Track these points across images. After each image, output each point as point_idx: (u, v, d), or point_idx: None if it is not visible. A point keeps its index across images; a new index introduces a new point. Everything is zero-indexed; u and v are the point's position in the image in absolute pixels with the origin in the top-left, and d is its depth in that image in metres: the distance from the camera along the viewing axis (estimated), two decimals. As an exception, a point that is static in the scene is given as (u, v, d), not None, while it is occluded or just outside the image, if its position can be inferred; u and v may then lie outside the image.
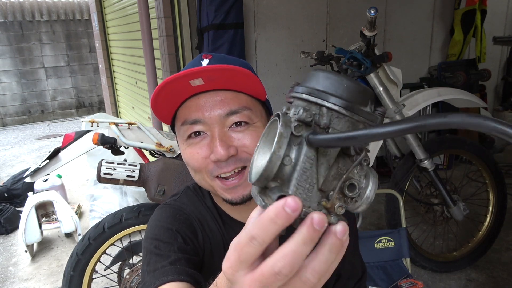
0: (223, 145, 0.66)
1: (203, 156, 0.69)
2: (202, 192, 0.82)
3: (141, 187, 1.61)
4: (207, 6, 2.50)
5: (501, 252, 2.43)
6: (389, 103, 1.92)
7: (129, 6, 3.82)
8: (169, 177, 1.56)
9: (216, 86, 0.67)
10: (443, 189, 2.05)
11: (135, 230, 1.64)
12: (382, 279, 1.71)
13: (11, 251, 2.72)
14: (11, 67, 6.82)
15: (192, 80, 0.64)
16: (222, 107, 0.67)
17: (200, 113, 0.68)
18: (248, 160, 0.68)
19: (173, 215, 0.76)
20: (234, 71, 0.64)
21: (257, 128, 0.70)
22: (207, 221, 0.79)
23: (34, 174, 1.62)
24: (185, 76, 0.63)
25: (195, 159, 0.69)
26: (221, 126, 0.68)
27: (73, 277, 1.59)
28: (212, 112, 0.67)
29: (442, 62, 3.74)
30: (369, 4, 1.76)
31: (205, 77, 0.64)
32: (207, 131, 0.68)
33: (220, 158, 0.66)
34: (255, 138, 0.69)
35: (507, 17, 4.18)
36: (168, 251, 0.69)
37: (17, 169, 4.23)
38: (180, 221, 0.75)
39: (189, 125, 0.69)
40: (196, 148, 0.69)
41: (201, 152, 0.69)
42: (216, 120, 0.67)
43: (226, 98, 0.68)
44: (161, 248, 0.70)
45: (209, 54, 0.72)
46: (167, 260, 0.67)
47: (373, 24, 1.70)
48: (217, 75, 0.64)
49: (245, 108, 0.69)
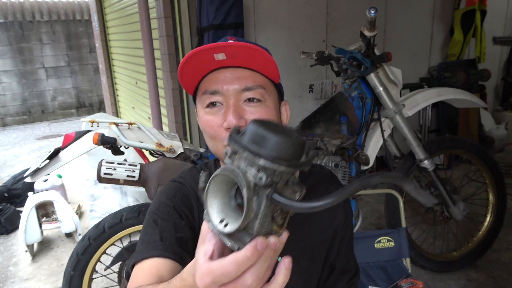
0: (235, 115, 0.74)
1: (217, 124, 0.77)
2: (208, 168, 0.91)
3: (141, 187, 1.61)
4: (207, 6, 2.50)
5: (501, 252, 2.43)
6: (389, 103, 1.92)
7: (129, 6, 3.82)
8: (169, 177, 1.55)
9: (237, 63, 0.75)
10: (443, 189, 2.05)
11: (135, 230, 1.64)
12: (382, 279, 1.71)
13: (11, 251, 2.72)
14: (12, 67, 6.82)
15: (216, 54, 0.71)
16: (239, 83, 0.76)
17: (219, 86, 0.76)
18: None
19: (174, 192, 0.84)
20: (255, 51, 0.72)
21: (267, 107, 0.77)
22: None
23: (34, 174, 1.62)
24: (210, 49, 0.71)
25: (210, 126, 0.77)
26: (236, 99, 0.76)
27: (73, 277, 1.59)
28: (230, 86, 0.75)
29: (442, 62, 3.74)
30: (369, 4, 1.76)
31: (228, 52, 0.71)
32: (223, 102, 0.76)
33: (231, 126, 0.73)
34: (263, 116, 0.76)
35: (507, 17, 4.18)
36: (163, 227, 0.77)
37: (17, 169, 4.23)
38: (179, 198, 0.83)
39: (209, 94, 0.77)
40: (212, 117, 0.77)
41: (216, 120, 0.77)
42: (233, 93, 0.76)
43: (244, 75, 0.76)
44: (157, 222, 0.78)
45: (233, 37, 0.78)
46: (159, 236, 0.75)
47: (373, 24, 1.70)
48: (239, 52, 0.72)
49: (259, 87, 0.76)
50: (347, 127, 1.95)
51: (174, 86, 2.88)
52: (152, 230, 0.77)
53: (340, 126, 1.96)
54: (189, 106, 2.94)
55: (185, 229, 0.79)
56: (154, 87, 2.65)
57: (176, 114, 2.94)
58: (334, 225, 0.91)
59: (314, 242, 0.89)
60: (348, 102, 1.96)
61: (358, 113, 1.95)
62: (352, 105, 1.95)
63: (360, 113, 1.95)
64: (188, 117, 2.97)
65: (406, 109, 2.02)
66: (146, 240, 0.76)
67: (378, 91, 1.90)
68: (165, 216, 0.79)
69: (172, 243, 0.74)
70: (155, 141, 1.64)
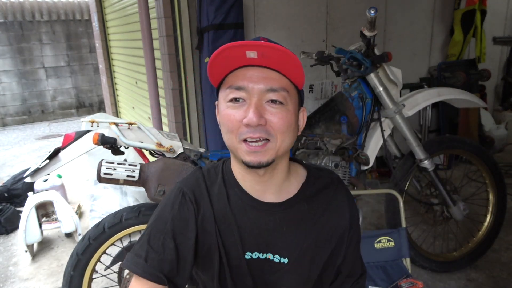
0: (256, 113, 0.76)
1: (237, 119, 0.78)
2: (216, 172, 0.93)
3: (141, 187, 1.60)
4: (207, 6, 2.49)
5: (501, 252, 2.43)
6: (389, 103, 1.92)
7: (129, 6, 3.82)
8: (169, 177, 1.56)
9: (266, 63, 0.77)
10: (443, 189, 2.05)
11: (135, 230, 1.64)
12: (382, 279, 1.71)
13: (11, 251, 2.72)
14: (11, 67, 6.82)
15: (248, 51, 0.73)
16: (265, 83, 0.77)
17: (246, 82, 0.78)
18: (271, 135, 0.78)
19: (172, 204, 0.89)
20: (287, 55, 0.74)
21: (288, 111, 0.80)
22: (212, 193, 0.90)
23: (34, 174, 1.61)
24: (243, 45, 0.73)
25: (230, 120, 0.79)
26: (259, 98, 0.78)
27: (73, 277, 1.59)
28: (256, 84, 0.77)
29: (442, 62, 3.74)
30: (369, 4, 1.76)
31: (260, 51, 0.73)
32: (247, 99, 0.78)
33: (251, 123, 0.76)
34: (283, 119, 0.79)
35: (507, 17, 4.18)
36: (152, 247, 0.86)
37: (17, 169, 4.23)
38: (176, 210, 0.88)
39: (234, 89, 0.79)
40: (234, 111, 0.79)
41: (236, 115, 0.79)
42: (257, 92, 0.77)
43: (270, 76, 0.78)
44: (149, 241, 0.86)
45: (265, 38, 0.80)
46: (144, 254, 0.85)
47: (373, 24, 1.70)
48: (271, 53, 0.74)
49: (284, 90, 0.78)
50: (347, 127, 1.95)
51: (174, 86, 2.88)
52: (144, 243, 0.87)
53: (340, 126, 1.96)
54: (189, 106, 2.94)
55: (172, 251, 0.86)
56: (154, 87, 2.65)
57: (176, 114, 2.94)
58: (338, 231, 0.91)
59: (316, 244, 0.90)
60: (348, 102, 1.95)
61: (358, 113, 1.95)
62: (352, 105, 1.95)
63: (360, 113, 1.95)
64: (188, 117, 2.97)
65: (406, 109, 2.02)
66: (137, 248, 0.87)
67: (378, 91, 1.90)
68: (158, 235, 0.86)
69: (154, 266, 0.84)
70: (155, 141, 1.64)
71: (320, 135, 1.95)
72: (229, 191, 0.89)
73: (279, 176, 0.87)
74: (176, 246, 0.86)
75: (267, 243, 0.88)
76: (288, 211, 0.88)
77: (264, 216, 0.88)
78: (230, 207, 0.88)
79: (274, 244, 0.88)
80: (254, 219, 0.88)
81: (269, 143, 0.78)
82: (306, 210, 0.89)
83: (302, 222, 0.89)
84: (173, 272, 0.86)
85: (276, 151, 0.80)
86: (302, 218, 0.89)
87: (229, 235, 0.88)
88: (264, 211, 0.88)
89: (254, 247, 0.88)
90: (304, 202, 0.90)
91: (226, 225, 0.88)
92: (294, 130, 0.82)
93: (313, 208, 0.90)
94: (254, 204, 0.88)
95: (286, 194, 0.89)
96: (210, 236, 0.88)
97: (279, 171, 0.86)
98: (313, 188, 0.92)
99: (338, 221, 0.91)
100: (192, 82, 2.88)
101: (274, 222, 0.88)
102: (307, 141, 1.94)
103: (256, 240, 0.88)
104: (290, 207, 0.88)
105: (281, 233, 0.88)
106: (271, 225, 0.88)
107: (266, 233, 0.88)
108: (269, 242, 0.88)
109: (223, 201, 0.89)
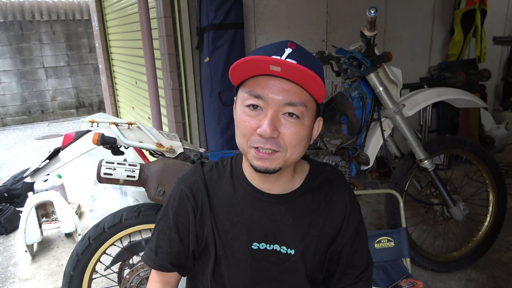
0: (271, 125, 0.77)
1: (252, 127, 0.80)
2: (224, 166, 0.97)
3: (141, 187, 1.60)
4: (207, 6, 2.49)
5: (501, 252, 2.43)
6: (389, 103, 1.92)
7: (129, 6, 3.82)
8: (169, 177, 1.56)
9: (288, 77, 0.77)
10: (443, 189, 2.05)
11: (135, 230, 1.64)
12: (382, 279, 1.71)
13: (11, 251, 2.72)
14: (11, 67, 6.81)
15: (272, 65, 0.74)
16: (284, 95, 0.77)
17: (265, 92, 0.78)
18: (281, 147, 0.79)
19: (173, 201, 0.95)
20: (311, 77, 0.74)
21: (303, 125, 0.80)
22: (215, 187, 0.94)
23: (34, 174, 1.61)
24: (269, 61, 0.74)
25: (244, 126, 0.81)
26: (276, 109, 0.78)
27: (73, 277, 1.59)
28: (276, 96, 0.77)
29: (442, 62, 3.74)
30: (369, 4, 1.76)
31: (283, 67, 0.74)
32: (264, 108, 0.79)
33: (264, 135, 0.77)
34: (297, 134, 0.79)
35: (507, 17, 4.18)
36: (160, 241, 0.95)
37: (17, 169, 4.23)
38: (177, 208, 0.94)
39: (253, 97, 0.79)
40: (249, 118, 0.80)
41: (251, 123, 0.80)
42: (275, 103, 0.78)
43: (291, 89, 0.78)
44: (159, 235, 0.96)
45: (294, 44, 0.80)
46: (154, 248, 0.96)
47: (373, 24, 1.70)
48: (294, 72, 0.74)
49: (302, 104, 0.79)
50: (347, 127, 1.95)
51: (174, 86, 2.88)
52: (154, 238, 0.98)
53: (340, 126, 1.96)
54: (189, 106, 2.94)
55: (178, 244, 0.94)
56: (154, 87, 2.64)
57: (176, 114, 2.94)
58: (338, 225, 0.94)
59: (320, 236, 0.92)
60: (348, 102, 1.95)
61: (358, 113, 1.95)
62: (352, 105, 1.95)
63: (360, 113, 1.95)
64: (188, 117, 2.97)
65: (406, 109, 2.02)
66: (150, 242, 0.99)
67: (378, 91, 1.90)
68: (164, 230, 0.95)
69: (163, 258, 0.95)
70: (155, 141, 1.64)
71: (320, 135, 1.94)
72: (236, 184, 0.93)
73: (285, 177, 0.90)
74: (181, 239, 0.94)
75: (274, 234, 0.91)
76: (294, 202, 0.91)
77: (271, 207, 0.90)
78: (237, 199, 0.91)
79: (281, 235, 0.91)
80: (261, 211, 0.90)
81: (278, 153, 0.80)
82: (310, 202, 0.92)
83: (307, 213, 0.92)
84: (181, 261, 0.96)
85: (285, 161, 0.81)
86: (307, 210, 0.92)
87: (233, 227, 0.91)
88: (270, 202, 0.90)
89: (261, 238, 0.91)
90: (308, 194, 0.92)
91: (230, 217, 0.91)
92: (306, 143, 0.84)
93: (316, 200, 0.93)
94: (261, 197, 0.90)
95: (291, 187, 0.92)
96: (207, 229, 0.92)
97: (285, 174, 0.89)
98: (316, 181, 0.94)
99: (339, 214, 0.93)
100: (192, 82, 2.88)
101: (280, 213, 0.90)
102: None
103: (263, 231, 0.91)
104: (295, 198, 0.91)
105: (287, 225, 0.90)
106: (278, 216, 0.90)
107: (273, 224, 0.90)
108: (277, 233, 0.91)
109: (229, 194, 0.92)
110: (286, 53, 0.78)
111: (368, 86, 1.93)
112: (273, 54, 0.77)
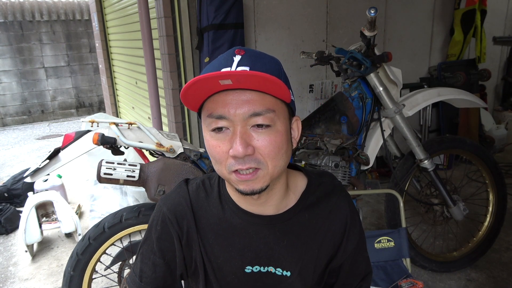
0: (242, 143, 0.70)
1: (223, 150, 0.73)
2: (212, 185, 0.91)
3: (141, 187, 1.61)
4: (207, 6, 2.49)
5: (501, 252, 2.43)
6: (389, 103, 1.92)
7: (129, 6, 3.82)
8: (169, 177, 1.56)
9: (244, 87, 0.70)
10: (443, 189, 2.05)
11: (135, 230, 1.64)
12: (382, 279, 1.71)
13: (11, 251, 2.72)
14: (11, 67, 6.82)
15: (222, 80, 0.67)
16: (247, 107, 0.70)
17: (226, 110, 0.71)
18: (261, 163, 0.73)
19: (155, 225, 0.89)
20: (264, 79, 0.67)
21: (277, 132, 0.73)
22: (203, 208, 0.88)
23: (34, 174, 1.61)
24: (216, 76, 0.67)
25: (217, 152, 0.74)
26: (243, 125, 0.71)
27: (73, 277, 1.59)
28: (237, 110, 0.70)
29: (442, 62, 3.75)
30: (369, 4, 1.76)
31: (234, 79, 0.67)
32: (230, 127, 0.72)
33: (238, 155, 0.70)
34: (272, 143, 0.72)
35: (507, 17, 4.18)
36: (145, 266, 0.90)
37: (17, 169, 4.23)
38: (160, 232, 0.88)
39: (215, 119, 0.72)
40: (218, 142, 0.74)
41: (222, 147, 0.73)
42: (240, 119, 0.71)
43: (252, 98, 0.70)
44: (143, 260, 0.90)
45: (242, 50, 0.74)
46: (139, 274, 0.90)
47: (373, 24, 1.70)
48: (245, 79, 0.67)
49: (268, 111, 0.71)
50: (347, 127, 1.95)
51: (174, 86, 2.88)
52: (138, 262, 0.92)
53: (340, 126, 1.96)
54: (189, 106, 2.94)
55: (163, 268, 0.89)
56: (154, 87, 2.64)
57: (176, 114, 2.94)
58: (338, 238, 0.90)
59: (318, 255, 0.89)
60: (348, 102, 1.95)
61: (358, 113, 1.95)
62: (352, 105, 1.95)
63: (360, 113, 1.95)
64: (188, 117, 2.97)
65: (406, 109, 2.02)
66: (134, 266, 0.93)
67: (378, 91, 1.90)
68: (148, 254, 0.90)
69: (148, 284, 0.89)
70: (155, 141, 1.64)
71: (320, 135, 1.95)
72: (225, 206, 0.86)
73: (277, 195, 0.83)
74: (167, 263, 0.88)
75: (268, 256, 0.86)
76: (288, 222, 0.85)
77: (263, 230, 0.85)
78: (226, 222, 0.85)
79: (275, 257, 0.86)
80: (253, 234, 0.85)
81: (260, 170, 0.73)
82: (306, 221, 0.86)
83: (303, 233, 0.87)
84: (168, 283, 0.91)
85: (270, 177, 0.75)
86: (302, 229, 0.86)
87: (223, 251, 0.86)
88: (263, 225, 0.85)
89: (254, 261, 0.86)
90: (304, 212, 0.86)
91: (220, 241, 0.86)
92: (287, 150, 0.76)
93: (314, 217, 0.87)
94: (251, 219, 0.85)
95: (285, 206, 0.86)
96: (195, 253, 0.87)
97: (276, 191, 0.82)
98: (313, 196, 0.88)
99: (339, 230, 0.89)
100: (192, 82, 2.87)
101: (274, 235, 0.85)
102: (307, 141, 1.94)
103: (256, 254, 0.86)
104: (290, 218, 0.85)
105: (282, 247, 0.85)
106: (271, 238, 0.85)
107: (267, 247, 0.85)
108: (270, 255, 0.86)
109: (218, 216, 0.86)
110: (235, 61, 0.71)
111: (368, 86, 1.93)
112: (222, 67, 0.71)
